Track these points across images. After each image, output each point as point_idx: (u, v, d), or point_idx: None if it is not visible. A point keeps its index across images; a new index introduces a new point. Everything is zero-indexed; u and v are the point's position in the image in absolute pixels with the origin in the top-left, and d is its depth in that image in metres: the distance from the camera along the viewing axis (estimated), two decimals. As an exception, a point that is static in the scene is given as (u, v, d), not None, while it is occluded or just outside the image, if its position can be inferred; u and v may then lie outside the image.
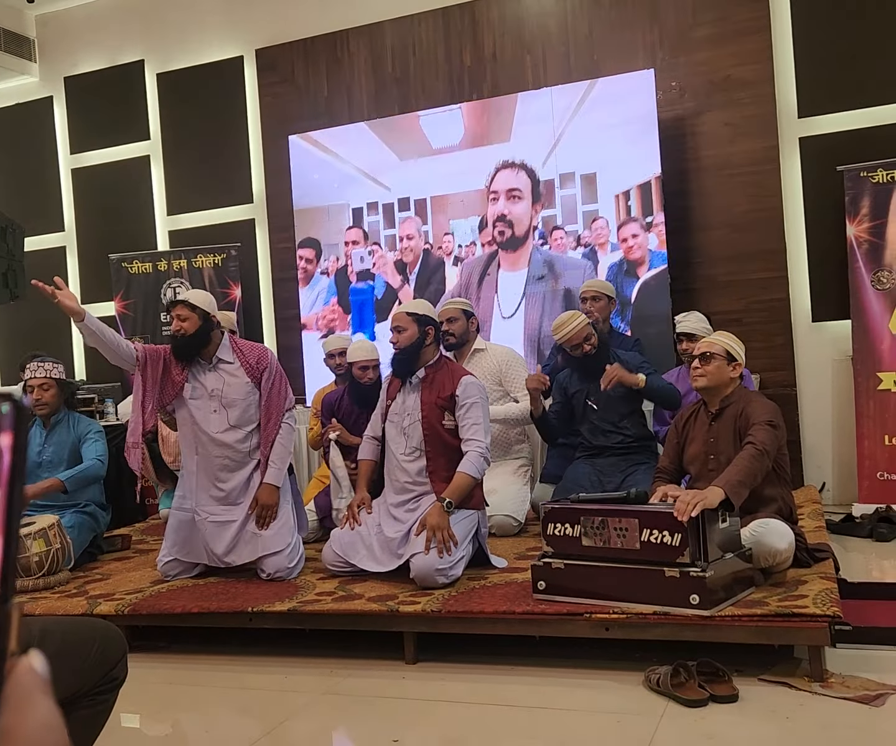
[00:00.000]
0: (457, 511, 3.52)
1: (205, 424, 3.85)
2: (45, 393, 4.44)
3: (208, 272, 6.73)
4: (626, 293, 5.68)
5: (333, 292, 6.54)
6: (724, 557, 2.95)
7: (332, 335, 5.94)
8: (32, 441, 4.54)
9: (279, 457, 3.83)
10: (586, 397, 4.38)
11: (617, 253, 5.73)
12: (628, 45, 5.97)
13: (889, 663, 2.89)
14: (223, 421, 3.84)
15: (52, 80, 7.52)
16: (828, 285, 5.59)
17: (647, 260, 5.67)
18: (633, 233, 5.71)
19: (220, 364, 3.87)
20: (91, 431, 4.53)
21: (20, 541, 3.38)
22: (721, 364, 3.43)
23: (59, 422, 4.53)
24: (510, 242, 6.03)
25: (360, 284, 6.42)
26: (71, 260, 7.52)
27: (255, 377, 3.86)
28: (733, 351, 3.45)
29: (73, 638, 1.89)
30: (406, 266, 6.31)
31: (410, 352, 3.68)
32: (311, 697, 2.99)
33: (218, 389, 3.84)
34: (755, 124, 5.72)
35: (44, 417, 4.50)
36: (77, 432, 4.51)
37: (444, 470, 3.62)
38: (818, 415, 5.66)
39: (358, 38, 6.61)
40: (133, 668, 2.10)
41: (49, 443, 4.49)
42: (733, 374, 3.44)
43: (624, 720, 2.62)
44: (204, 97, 7.02)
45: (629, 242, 5.70)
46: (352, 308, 6.45)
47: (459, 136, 6.14)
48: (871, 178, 5.30)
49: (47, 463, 4.47)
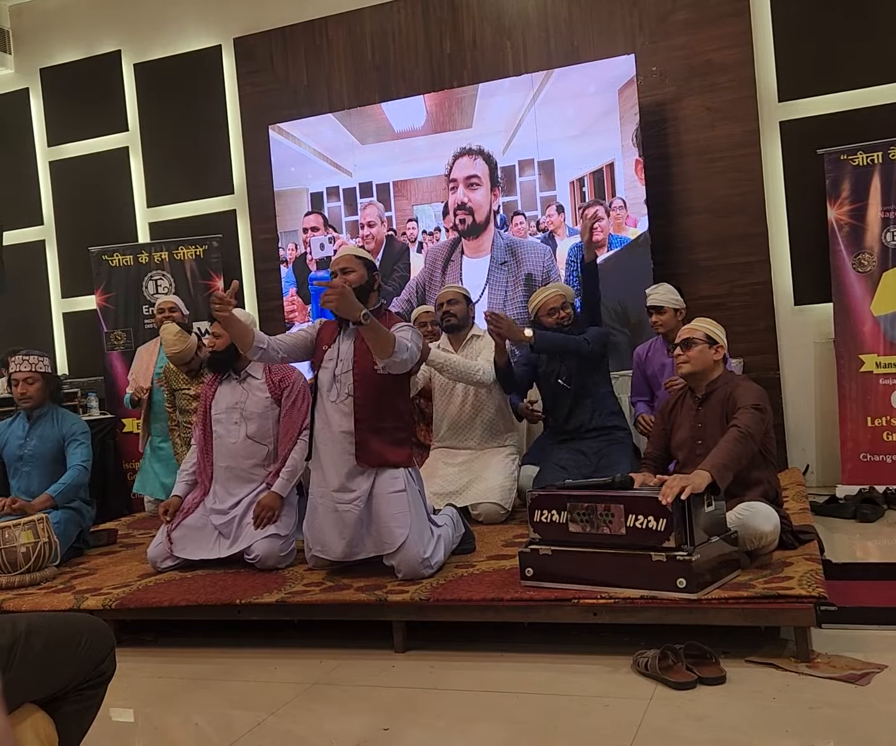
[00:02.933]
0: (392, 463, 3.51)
1: (226, 435, 4.01)
2: (29, 387, 4.40)
3: (190, 264, 6.68)
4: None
5: (292, 282, 6.48)
6: (710, 540, 2.97)
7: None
8: (14, 434, 4.50)
9: (289, 472, 3.95)
10: (557, 376, 4.45)
11: (575, 237, 5.77)
12: (608, 31, 5.97)
13: (874, 642, 2.93)
14: (241, 433, 3.99)
15: (28, 71, 7.44)
16: (809, 268, 5.63)
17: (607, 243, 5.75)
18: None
19: (247, 378, 4.05)
20: (76, 432, 4.47)
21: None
22: (703, 348, 3.44)
23: (44, 416, 4.48)
24: (472, 229, 6.07)
25: (320, 272, 6.33)
26: (51, 253, 7.45)
27: (276, 394, 4.02)
28: (713, 334, 3.47)
29: (60, 634, 1.88)
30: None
31: (356, 295, 3.44)
32: (301, 688, 2.99)
33: (241, 402, 4.01)
34: (735, 108, 5.74)
35: (28, 411, 4.46)
36: (62, 429, 4.46)
37: (373, 420, 3.51)
38: (801, 398, 5.70)
39: (337, 25, 6.57)
40: (121, 663, 2.09)
41: (31, 437, 4.45)
42: (716, 357, 3.46)
43: (613, 704, 2.63)
44: (182, 87, 6.96)
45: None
46: (311, 297, 6.38)
47: (422, 121, 6.14)
48: (852, 161, 5.32)
49: (29, 457, 4.43)
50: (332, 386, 3.56)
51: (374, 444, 3.51)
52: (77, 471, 4.37)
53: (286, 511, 3.94)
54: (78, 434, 4.46)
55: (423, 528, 3.49)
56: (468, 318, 4.73)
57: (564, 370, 4.49)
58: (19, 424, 4.51)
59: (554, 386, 4.55)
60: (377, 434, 3.52)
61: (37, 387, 4.42)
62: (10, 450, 4.48)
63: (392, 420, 3.56)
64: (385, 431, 3.54)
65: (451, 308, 4.66)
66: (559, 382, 4.50)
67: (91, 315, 6.94)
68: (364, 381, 3.50)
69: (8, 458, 4.50)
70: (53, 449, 4.44)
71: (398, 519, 3.45)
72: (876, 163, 5.28)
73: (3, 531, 3.91)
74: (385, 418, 3.54)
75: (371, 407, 3.51)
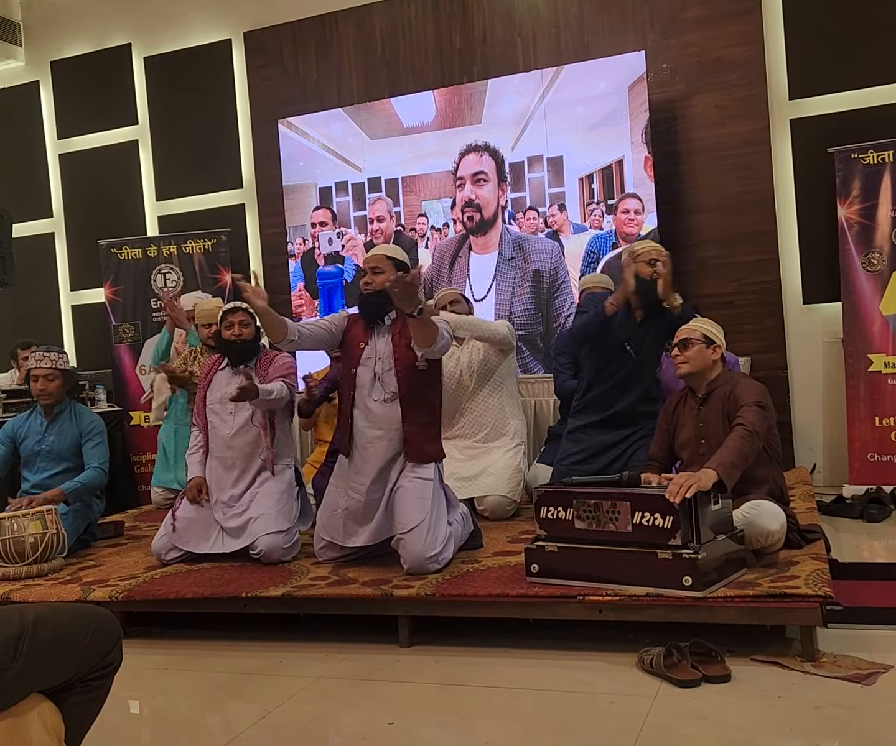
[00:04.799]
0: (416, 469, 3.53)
1: (223, 422, 4.00)
2: (49, 383, 4.41)
3: (198, 258, 6.69)
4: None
5: (300, 277, 6.48)
6: (716, 539, 2.97)
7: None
8: (31, 429, 4.50)
9: (268, 388, 3.85)
10: (626, 341, 4.10)
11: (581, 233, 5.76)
12: (619, 27, 5.95)
13: (880, 642, 2.92)
14: (238, 420, 3.98)
15: (39, 64, 7.45)
16: (818, 267, 5.60)
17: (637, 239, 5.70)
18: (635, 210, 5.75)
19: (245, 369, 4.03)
20: (94, 431, 4.46)
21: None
22: (700, 348, 3.46)
23: (62, 412, 4.48)
24: (480, 226, 6.07)
25: (328, 267, 6.33)
26: (60, 246, 7.47)
27: (264, 375, 4.01)
28: (710, 334, 3.49)
29: (67, 625, 1.89)
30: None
31: (386, 295, 3.41)
32: (306, 681, 2.99)
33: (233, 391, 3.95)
34: (746, 106, 5.72)
35: (47, 407, 4.46)
36: (80, 425, 4.46)
37: (416, 415, 3.55)
38: (809, 397, 5.68)
39: (347, 20, 6.57)
40: (127, 654, 2.10)
41: (50, 433, 4.45)
42: (714, 357, 3.48)
43: (617, 701, 2.63)
44: (192, 81, 6.97)
45: (630, 215, 5.75)
46: (320, 292, 6.39)
47: (431, 116, 6.14)
48: (862, 160, 5.30)
49: (46, 453, 4.43)
50: (374, 384, 3.59)
51: (419, 439, 3.57)
52: (95, 473, 4.37)
53: (288, 503, 3.92)
54: (96, 432, 4.46)
55: (439, 522, 3.50)
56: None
57: (639, 336, 4.09)
58: (36, 419, 4.51)
59: (618, 351, 4.11)
60: (422, 428, 3.58)
61: (56, 384, 4.43)
62: (28, 445, 4.47)
63: (429, 414, 3.62)
64: (426, 425, 3.60)
65: (453, 308, 4.66)
66: (626, 346, 4.11)
67: (99, 308, 6.96)
68: (407, 379, 3.55)
69: (25, 453, 4.49)
70: (72, 445, 4.44)
71: (419, 503, 3.48)
72: (887, 162, 5.25)
73: (11, 520, 3.93)
74: (424, 413, 3.59)
75: (414, 404, 3.56)
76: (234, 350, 4.04)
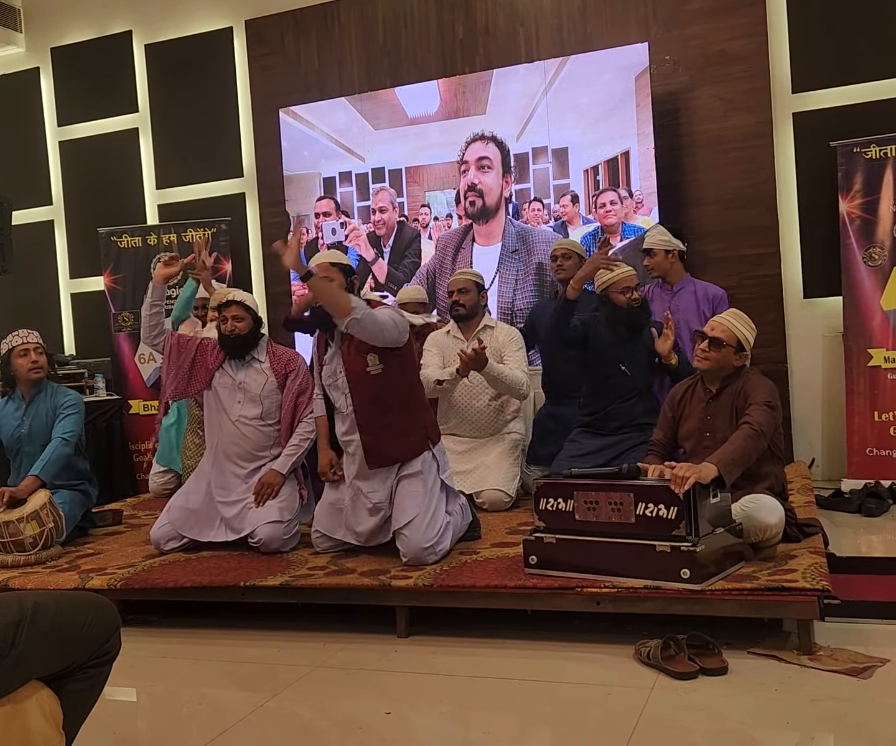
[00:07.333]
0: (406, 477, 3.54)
1: (229, 412, 3.99)
2: (40, 356, 4.38)
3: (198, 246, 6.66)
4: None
5: None
6: (714, 532, 2.97)
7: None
8: (9, 414, 4.45)
9: (292, 451, 3.96)
10: (619, 361, 4.17)
11: (588, 225, 5.74)
12: (622, 18, 5.93)
13: (877, 636, 2.92)
14: (244, 412, 3.98)
15: (39, 50, 7.42)
16: (819, 261, 5.60)
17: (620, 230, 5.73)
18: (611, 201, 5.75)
19: (252, 361, 4.03)
20: (67, 403, 4.36)
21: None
22: (728, 352, 3.42)
23: (40, 392, 4.42)
24: (482, 212, 6.04)
25: None
26: (59, 234, 7.46)
27: (281, 377, 4.02)
28: (745, 341, 3.45)
29: (66, 612, 1.89)
30: (380, 239, 6.28)
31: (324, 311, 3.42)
32: (304, 671, 3.00)
33: (245, 382, 4.00)
34: (749, 99, 5.70)
35: (35, 382, 4.40)
36: (55, 401, 4.39)
37: (375, 421, 3.53)
38: (809, 391, 5.68)
39: (349, 8, 6.54)
40: (126, 642, 2.10)
41: (27, 416, 4.38)
42: (737, 363, 3.44)
43: (614, 692, 2.64)
44: (193, 69, 6.94)
45: (607, 208, 5.75)
46: None
47: (435, 107, 6.12)
48: (865, 154, 5.29)
49: (27, 437, 4.37)
50: (339, 398, 3.61)
51: (380, 446, 3.54)
52: (56, 444, 4.22)
53: (289, 493, 3.94)
54: (68, 405, 4.35)
55: (436, 512, 3.50)
56: (479, 307, 4.65)
57: (630, 354, 4.17)
58: (11, 405, 4.43)
59: (611, 370, 4.19)
60: (383, 431, 3.54)
61: (45, 358, 4.42)
62: (7, 432, 4.41)
63: (396, 413, 3.55)
64: (390, 427, 3.54)
65: (460, 298, 4.59)
66: (620, 367, 4.18)
67: (99, 296, 6.94)
68: (358, 386, 3.52)
69: (7, 440, 4.42)
70: (50, 424, 4.34)
71: (413, 497, 3.49)
72: (889, 157, 5.24)
73: (6, 525, 3.90)
74: (387, 415, 3.53)
75: (370, 410, 3.53)
76: (229, 344, 4.02)
